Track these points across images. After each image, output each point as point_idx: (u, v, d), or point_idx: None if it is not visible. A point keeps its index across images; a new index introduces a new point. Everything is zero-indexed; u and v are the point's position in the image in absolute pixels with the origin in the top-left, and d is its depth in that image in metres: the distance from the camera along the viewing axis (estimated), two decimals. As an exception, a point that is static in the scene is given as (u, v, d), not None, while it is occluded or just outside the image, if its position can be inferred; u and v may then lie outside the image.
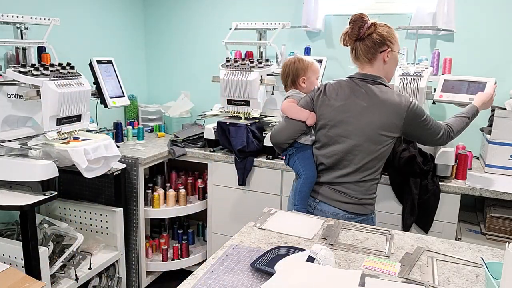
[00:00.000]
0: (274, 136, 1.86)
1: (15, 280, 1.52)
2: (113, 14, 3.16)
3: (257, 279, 1.20)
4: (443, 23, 2.57)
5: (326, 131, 1.74)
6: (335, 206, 1.75)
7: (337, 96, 1.73)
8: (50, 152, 1.93)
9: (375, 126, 1.66)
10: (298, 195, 1.81)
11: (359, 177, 1.72)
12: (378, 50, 1.69)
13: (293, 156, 1.84)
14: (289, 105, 1.82)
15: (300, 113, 1.77)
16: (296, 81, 1.88)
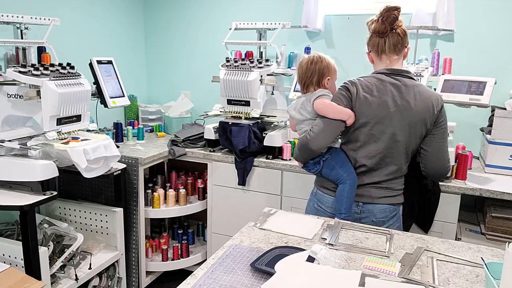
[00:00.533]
0: (315, 140, 1.67)
1: (15, 280, 1.52)
2: (113, 14, 3.16)
3: (257, 279, 1.20)
4: (443, 23, 2.57)
5: (368, 130, 1.68)
6: (382, 203, 1.73)
7: (376, 92, 1.67)
8: (49, 152, 1.93)
9: (418, 118, 1.65)
10: (347, 202, 1.68)
11: (401, 172, 1.73)
12: (404, 44, 1.71)
13: (329, 162, 1.72)
14: (328, 104, 1.68)
15: (342, 111, 1.66)
16: (321, 81, 1.77)
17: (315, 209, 1.82)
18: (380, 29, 1.69)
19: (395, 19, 1.69)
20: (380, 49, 1.71)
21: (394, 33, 1.69)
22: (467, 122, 2.63)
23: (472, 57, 2.60)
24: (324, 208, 1.79)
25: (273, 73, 2.61)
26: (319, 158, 1.73)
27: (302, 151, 1.74)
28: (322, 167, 1.74)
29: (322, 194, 1.80)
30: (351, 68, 2.89)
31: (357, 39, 2.84)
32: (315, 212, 1.80)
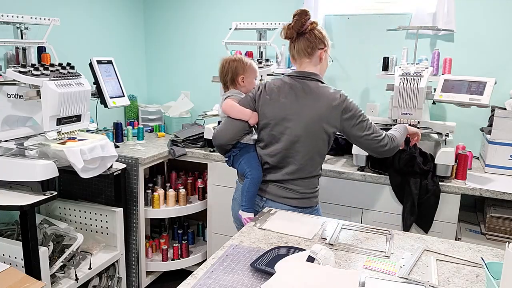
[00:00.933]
0: (217, 137, 1.82)
1: (15, 280, 1.52)
2: (113, 14, 3.16)
3: (257, 279, 1.20)
4: (443, 23, 2.57)
5: (269, 130, 1.77)
6: (282, 203, 1.79)
7: (278, 94, 1.76)
8: (46, 152, 1.92)
9: (315, 120, 1.71)
10: (246, 195, 1.80)
11: (303, 174, 1.77)
12: (317, 47, 1.76)
13: (237, 157, 1.83)
14: (231, 104, 1.79)
15: (243, 112, 1.77)
16: (235, 80, 1.86)
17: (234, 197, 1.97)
18: (288, 34, 1.76)
19: (302, 24, 1.73)
20: (291, 53, 1.80)
21: (304, 38, 1.75)
22: (467, 122, 2.63)
23: (472, 57, 2.60)
24: (236, 195, 1.94)
25: (273, 73, 2.60)
26: (230, 153, 1.84)
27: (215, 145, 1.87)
28: (232, 161, 1.86)
29: (238, 183, 1.93)
30: (351, 68, 2.90)
31: (357, 39, 2.85)
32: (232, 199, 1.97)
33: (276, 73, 2.71)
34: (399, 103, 2.20)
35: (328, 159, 2.53)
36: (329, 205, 2.36)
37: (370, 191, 2.27)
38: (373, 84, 2.82)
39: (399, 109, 2.21)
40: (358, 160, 2.30)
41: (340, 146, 2.61)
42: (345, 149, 2.59)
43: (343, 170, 2.31)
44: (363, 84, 2.88)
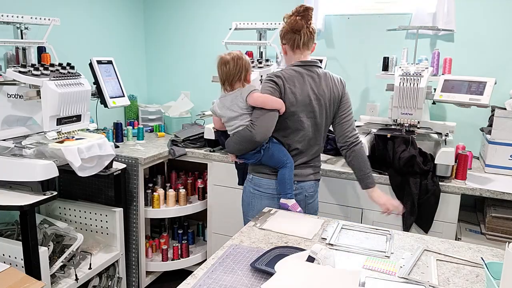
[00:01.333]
0: (260, 132, 1.77)
1: (15, 280, 1.52)
2: (113, 14, 3.16)
3: (257, 279, 1.20)
4: (443, 23, 2.57)
5: (296, 117, 1.83)
6: (310, 180, 1.94)
7: (297, 83, 1.83)
8: (44, 151, 1.92)
9: (332, 102, 1.89)
10: (290, 183, 1.84)
11: (321, 150, 1.99)
12: (314, 41, 1.89)
13: (268, 150, 1.83)
14: (265, 96, 1.78)
15: (278, 102, 1.78)
16: (247, 76, 1.87)
17: (251, 194, 1.93)
18: (297, 26, 1.83)
19: (310, 18, 1.85)
20: (296, 44, 1.86)
21: (308, 31, 1.84)
22: (467, 122, 2.63)
23: (472, 57, 2.60)
24: (262, 190, 1.90)
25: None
26: (259, 148, 1.83)
27: (245, 144, 1.81)
28: (263, 155, 1.84)
29: (259, 179, 1.90)
30: (351, 68, 2.90)
31: (357, 39, 2.85)
32: (251, 197, 1.93)
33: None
34: (399, 103, 2.20)
35: (328, 159, 2.53)
36: (329, 205, 2.36)
37: (370, 191, 2.26)
38: (373, 84, 2.82)
39: (399, 109, 2.21)
40: (358, 160, 2.29)
41: (340, 146, 2.61)
42: (345, 149, 2.59)
43: (343, 170, 2.31)
44: (363, 84, 2.88)
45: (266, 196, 1.89)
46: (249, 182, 1.96)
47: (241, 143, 1.82)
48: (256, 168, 1.91)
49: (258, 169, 1.91)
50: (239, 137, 1.82)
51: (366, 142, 2.26)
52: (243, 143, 1.81)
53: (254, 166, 1.93)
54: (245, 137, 1.79)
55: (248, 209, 1.96)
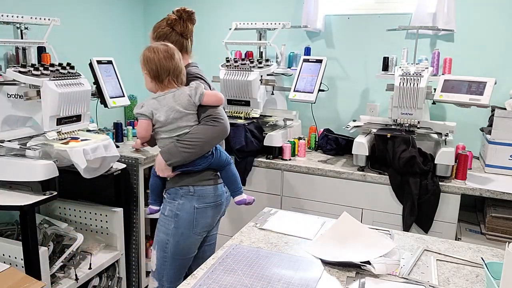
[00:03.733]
0: (227, 125, 1.69)
1: (15, 280, 1.52)
2: (113, 14, 3.15)
3: (257, 279, 1.20)
4: (443, 23, 2.57)
5: None
6: None
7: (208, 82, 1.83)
8: (49, 152, 1.93)
9: None
10: (238, 178, 1.81)
11: None
12: None
13: (217, 149, 1.75)
14: (214, 93, 1.71)
15: (222, 98, 1.73)
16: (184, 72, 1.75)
17: (195, 210, 1.71)
18: (187, 30, 1.85)
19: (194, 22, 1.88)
20: (184, 48, 1.85)
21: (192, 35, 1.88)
22: (467, 122, 2.63)
23: (472, 57, 2.60)
24: (207, 201, 1.73)
25: (273, 73, 2.61)
26: (212, 149, 1.71)
27: (214, 141, 1.67)
28: (214, 156, 1.71)
29: (203, 189, 1.72)
30: (351, 68, 2.90)
31: (357, 39, 2.85)
32: (195, 213, 1.71)
33: (276, 73, 2.71)
34: (399, 103, 2.20)
35: (328, 159, 2.53)
36: (329, 205, 2.37)
37: (370, 191, 2.27)
38: (373, 84, 2.82)
39: (399, 109, 2.21)
40: (358, 160, 2.30)
41: (340, 146, 2.61)
42: (345, 149, 2.59)
43: (343, 170, 2.31)
44: (363, 84, 2.88)
45: (211, 206, 1.75)
46: (189, 198, 1.71)
47: (205, 143, 1.64)
48: (198, 177, 1.71)
49: (201, 177, 1.71)
50: (205, 136, 1.63)
51: (366, 142, 2.26)
52: (209, 142, 1.65)
53: (191, 178, 1.70)
54: (216, 132, 1.64)
55: (190, 228, 1.72)
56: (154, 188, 1.81)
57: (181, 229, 1.72)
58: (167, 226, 1.74)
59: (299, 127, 2.85)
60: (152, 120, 1.66)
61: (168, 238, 1.73)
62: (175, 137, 1.66)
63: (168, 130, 1.66)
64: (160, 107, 1.64)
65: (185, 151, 1.63)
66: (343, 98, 2.94)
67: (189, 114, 1.65)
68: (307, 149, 2.69)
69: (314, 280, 1.20)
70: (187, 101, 1.64)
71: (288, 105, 2.94)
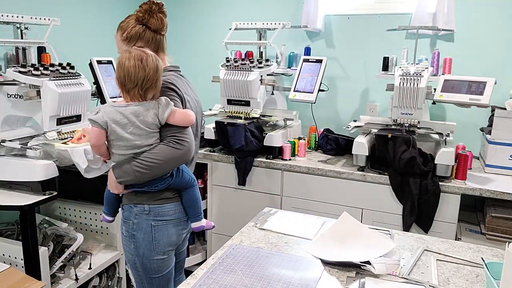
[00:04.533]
0: (192, 148, 1.51)
1: (15, 280, 1.52)
2: (113, 14, 3.15)
3: (257, 279, 1.20)
4: (443, 23, 2.57)
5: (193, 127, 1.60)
6: None
7: (186, 90, 1.62)
8: (50, 152, 1.93)
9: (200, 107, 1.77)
10: (199, 203, 1.62)
11: None
12: None
13: (179, 170, 1.55)
14: (184, 112, 1.50)
15: (193, 116, 1.52)
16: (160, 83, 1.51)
17: (152, 228, 1.54)
18: (161, 26, 1.64)
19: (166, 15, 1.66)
20: (161, 47, 1.66)
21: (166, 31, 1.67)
22: (467, 122, 2.63)
23: (472, 57, 2.60)
24: (167, 218, 1.56)
25: (273, 73, 2.61)
26: (172, 170, 1.53)
27: (170, 165, 1.48)
28: (175, 177, 1.53)
29: (160, 207, 1.54)
30: (351, 68, 2.90)
31: (357, 39, 2.85)
32: (154, 231, 1.54)
33: (276, 73, 2.71)
34: (399, 103, 2.20)
35: (328, 159, 2.53)
36: (329, 205, 2.37)
37: (370, 191, 2.27)
38: (373, 84, 2.82)
39: (399, 109, 2.21)
40: (358, 160, 2.30)
41: (340, 146, 2.61)
42: (345, 149, 2.59)
43: (343, 170, 2.31)
44: (363, 84, 2.88)
45: (172, 223, 1.57)
46: (143, 215, 1.53)
47: (163, 165, 1.45)
48: (152, 196, 1.53)
49: (156, 196, 1.54)
50: (164, 158, 1.44)
51: (366, 142, 2.26)
52: (167, 164, 1.46)
53: (147, 195, 1.53)
54: (177, 155, 1.46)
55: (150, 248, 1.54)
56: (108, 200, 1.65)
57: (141, 250, 1.54)
58: (129, 246, 1.57)
59: (299, 127, 2.85)
60: (107, 130, 1.45)
61: (134, 258, 1.57)
62: (131, 154, 1.46)
63: (125, 146, 1.46)
64: (120, 120, 1.43)
65: (139, 171, 1.45)
66: (343, 98, 2.95)
67: (150, 133, 1.46)
68: (307, 149, 2.69)
69: (314, 280, 1.20)
70: (151, 120, 1.44)
71: (288, 105, 2.94)
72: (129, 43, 1.62)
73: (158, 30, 1.64)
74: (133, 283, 1.67)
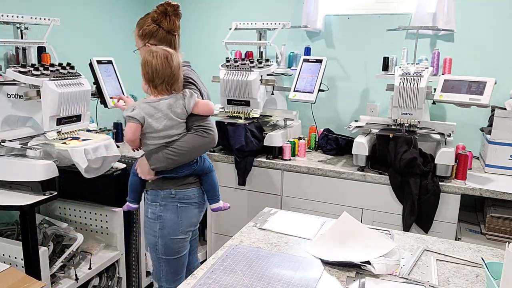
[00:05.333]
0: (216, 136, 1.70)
1: (15, 280, 1.52)
2: (113, 14, 3.15)
3: (257, 279, 1.20)
4: (443, 23, 2.57)
5: None
6: None
7: (200, 82, 1.85)
8: (50, 152, 1.93)
9: None
10: (217, 186, 1.84)
11: None
12: None
13: (202, 157, 1.77)
14: (206, 103, 1.71)
15: (213, 107, 1.75)
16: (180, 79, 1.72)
17: (178, 209, 1.73)
18: (173, 28, 1.83)
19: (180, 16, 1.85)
20: (173, 45, 1.83)
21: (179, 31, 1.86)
22: (467, 122, 2.63)
23: (472, 57, 2.60)
24: (190, 201, 1.75)
25: (273, 73, 2.60)
26: None
27: (198, 152, 1.69)
28: (199, 164, 1.74)
29: (184, 191, 1.73)
30: (351, 68, 2.90)
31: (357, 39, 2.85)
32: (180, 211, 1.73)
33: (276, 73, 2.71)
34: (399, 103, 2.20)
35: (328, 159, 2.53)
36: (329, 205, 2.37)
37: (370, 191, 2.27)
38: (373, 84, 2.82)
39: (399, 109, 2.21)
40: (358, 160, 2.30)
41: (340, 146, 2.61)
42: (345, 149, 2.59)
43: (343, 170, 2.31)
44: (363, 84, 2.88)
45: (194, 205, 1.78)
46: (169, 198, 1.72)
47: (192, 152, 1.66)
48: (177, 182, 1.72)
49: (180, 181, 1.73)
50: (193, 146, 1.64)
51: (366, 142, 2.26)
52: (195, 151, 1.67)
53: (173, 180, 1.72)
54: (204, 143, 1.66)
55: (175, 228, 1.73)
56: (134, 187, 1.82)
57: (166, 229, 1.71)
58: (153, 228, 1.73)
59: (299, 127, 2.85)
60: (143, 125, 1.62)
61: (156, 240, 1.73)
62: (163, 143, 1.64)
63: (158, 137, 1.64)
64: (154, 113, 1.61)
65: (171, 158, 1.63)
66: (343, 98, 2.95)
67: (180, 123, 1.65)
68: (307, 149, 2.69)
69: (314, 280, 1.20)
70: (180, 110, 1.64)
71: (288, 105, 2.94)
72: (143, 39, 1.82)
73: (171, 31, 1.83)
74: (150, 268, 1.81)
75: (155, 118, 1.61)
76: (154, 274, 1.80)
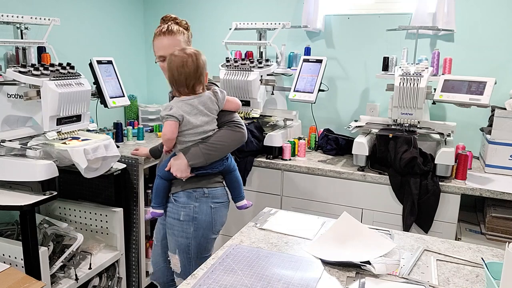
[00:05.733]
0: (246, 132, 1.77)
1: (15, 280, 1.52)
2: (113, 14, 3.16)
3: (257, 279, 1.19)
4: (443, 23, 2.57)
5: None
6: None
7: None
8: (50, 152, 1.93)
9: None
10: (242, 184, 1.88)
11: None
12: None
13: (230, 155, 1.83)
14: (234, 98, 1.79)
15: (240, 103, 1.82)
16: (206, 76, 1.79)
17: (212, 210, 1.76)
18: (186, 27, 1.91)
19: None
20: None
21: None
22: (467, 122, 2.63)
23: (472, 57, 2.60)
24: (221, 201, 1.80)
25: (273, 73, 2.61)
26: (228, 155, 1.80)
27: (233, 147, 1.74)
28: (229, 158, 1.80)
29: (214, 190, 1.76)
30: (351, 68, 2.90)
31: (357, 39, 2.85)
32: (213, 213, 1.76)
33: (276, 73, 2.71)
34: (399, 103, 2.20)
35: (328, 159, 2.53)
36: (329, 205, 2.37)
37: (370, 191, 2.27)
38: (373, 84, 2.82)
39: (399, 109, 2.21)
40: (358, 160, 2.30)
41: (340, 146, 2.61)
42: (345, 149, 2.59)
43: (343, 170, 2.31)
44: (363, 84, 2.88)
45: (224, 205, 1.82)
46: (203, 200, 1.74)
47: (227, 147, 1.72)
48: (208, 180, 1.75)
49: (210, 180, 1.76)
50: (228, 140, 1.70)
51: (366, 142, 2.26)
52: (230, 146, 1.73)
53: (204, 180, 1.75)
54: (238, 138, 1.73)
55: (209, 228, 1.76)
56: (160, 191, 1.77)
57: (201, 231, 1.74)
58: (186, 231, 1.74)
59: (299, 127, 2.85)
60: (181, 122, 1.65)
61: (189, 242, 1.74)
62: (199, 140, 1.68)
63: (195, 133, 1.67)
64: (191, 111, 1.65)
65: (208, 153, 1.68)
66: (343, 98, 2.95)
67: (214, 119, 1.71)
68: (307, 149, 2.69)
69: (314, 280, 1.20)
70: (213, 106, 1.70)
71: (288, 105, 2.94)
72: None
73: None
74: (176, 269, 1.79)
75: (192, 114, 1.65)
76: (182, 273, 1.78)
